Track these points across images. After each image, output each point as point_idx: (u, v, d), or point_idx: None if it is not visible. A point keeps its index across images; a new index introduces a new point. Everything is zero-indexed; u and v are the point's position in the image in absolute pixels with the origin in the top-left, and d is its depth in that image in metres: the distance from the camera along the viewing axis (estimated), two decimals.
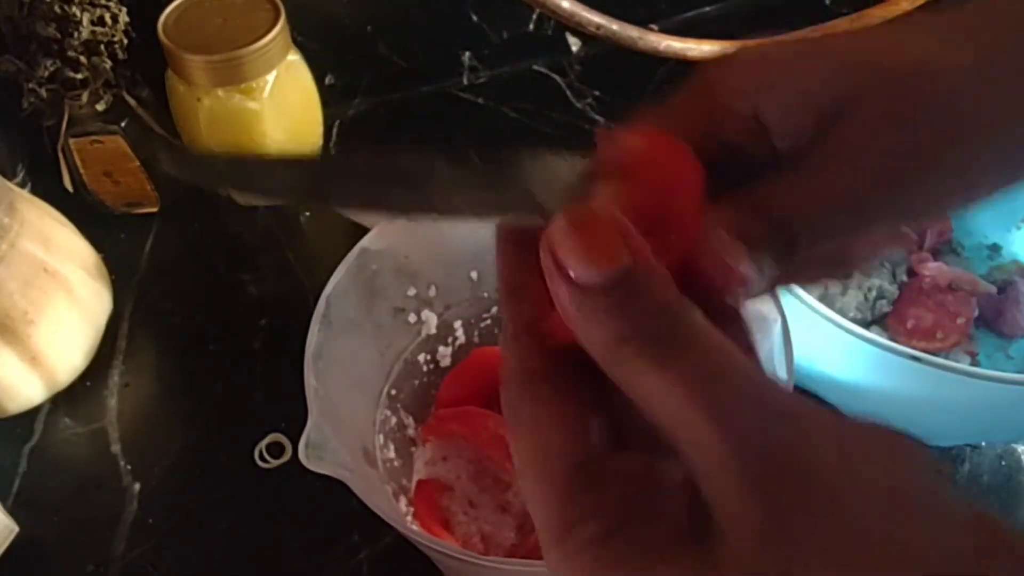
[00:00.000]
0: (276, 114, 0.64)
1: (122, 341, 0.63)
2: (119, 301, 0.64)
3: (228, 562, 0.53)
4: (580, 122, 0.76)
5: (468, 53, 0.80)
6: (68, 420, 0.59)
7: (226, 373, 0.61)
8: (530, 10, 0.78)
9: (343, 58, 0.78)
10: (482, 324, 0.55)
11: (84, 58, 0.62)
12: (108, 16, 0.63)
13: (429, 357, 0.54)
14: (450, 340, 0.55)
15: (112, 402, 0.60)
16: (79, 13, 0.61)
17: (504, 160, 0.25)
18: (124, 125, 0.65)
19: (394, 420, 0.52)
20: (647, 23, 0.75)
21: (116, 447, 0.58)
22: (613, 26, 0.70)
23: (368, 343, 0.51)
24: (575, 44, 0.80)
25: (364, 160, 0.25)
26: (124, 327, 0.64)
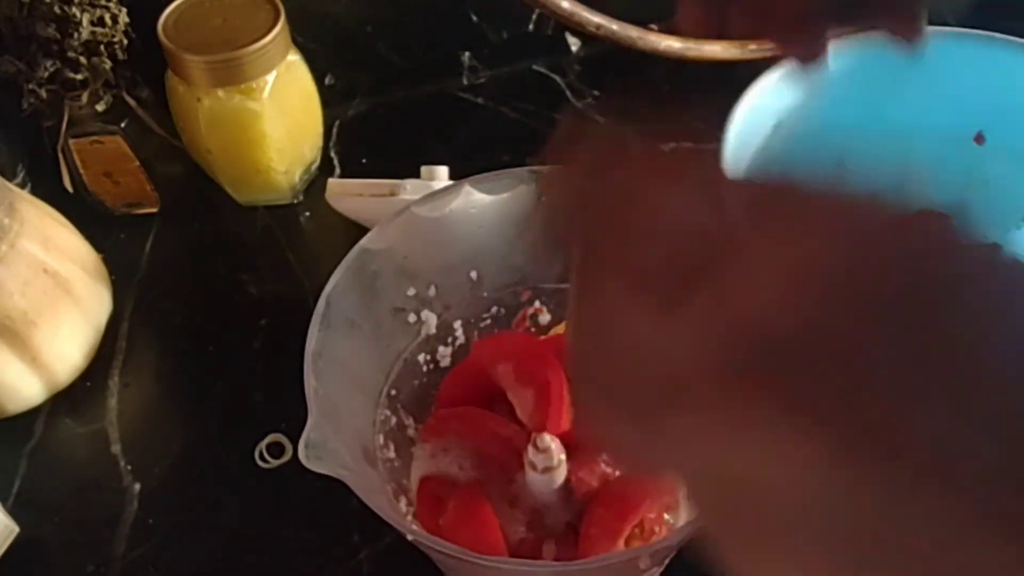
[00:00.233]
0: (276, 114, 0.64)
1: (122, 341, 0.63)
2: (119, 301, 0.64)
3: (228, 562, 0.53)
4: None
5: (468, 53, 0.80)
6: (68, 420, 0.59)
7: (226, 373, 0.61)
8: (530, 10, 0.78)
9: (343, 58, 0.78)
10: (482, 324, 0.55)
11: (84, 59, 0.62)
12: (108, 17, 0.63)
13: (429, 357, 0.54)
14: (450, 340, 0.55)
15: (112, 402, 0.60)
16: (79, 14, 0.61)
17: None
18: (124, 125, 0.65)
19: (394, 420, 0.52)
20: (647, 23, 0.75)
21: (116, 447, 0.58)
22: (613, 26, 0.70)
23: (368, 343, 0.51)
24: (575, 44, 0.80)
25: None
26: (124, 327, 0.64)
